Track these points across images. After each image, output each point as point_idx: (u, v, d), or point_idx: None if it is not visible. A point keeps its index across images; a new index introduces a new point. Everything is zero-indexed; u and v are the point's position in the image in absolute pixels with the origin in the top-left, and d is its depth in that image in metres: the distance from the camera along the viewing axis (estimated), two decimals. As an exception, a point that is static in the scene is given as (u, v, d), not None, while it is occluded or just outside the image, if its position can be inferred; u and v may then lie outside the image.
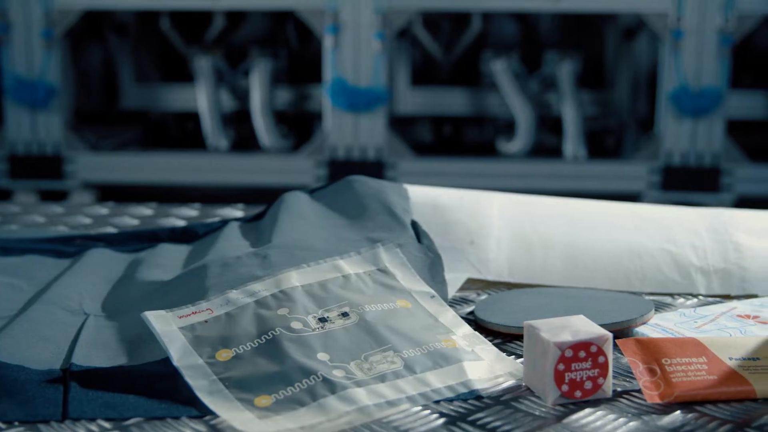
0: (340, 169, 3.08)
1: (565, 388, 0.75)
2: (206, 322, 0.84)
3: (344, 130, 3.09)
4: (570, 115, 3.17)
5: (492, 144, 3.37)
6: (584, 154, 3.19)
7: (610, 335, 0.76)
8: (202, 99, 3.24)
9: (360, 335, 0.82)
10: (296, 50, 3.50)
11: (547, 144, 3.40)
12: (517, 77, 3.22)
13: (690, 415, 0.74)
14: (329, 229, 1.05)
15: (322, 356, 0.79)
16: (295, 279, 0.89)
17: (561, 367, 0.75)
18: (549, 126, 3.41)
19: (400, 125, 3.48)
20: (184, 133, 3.62)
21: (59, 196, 3.20)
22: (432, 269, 0.97)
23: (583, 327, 0.77)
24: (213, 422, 0.73)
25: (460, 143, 3.59)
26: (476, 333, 0.86)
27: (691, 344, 0.80)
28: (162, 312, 0.84)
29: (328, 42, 3.04)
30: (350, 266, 0.92)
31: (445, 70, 3.55)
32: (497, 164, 3.18)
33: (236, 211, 1.42)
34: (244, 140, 3.37)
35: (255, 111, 3.22)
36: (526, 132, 3.20)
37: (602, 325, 0.88)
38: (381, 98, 3.06)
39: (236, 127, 3.43)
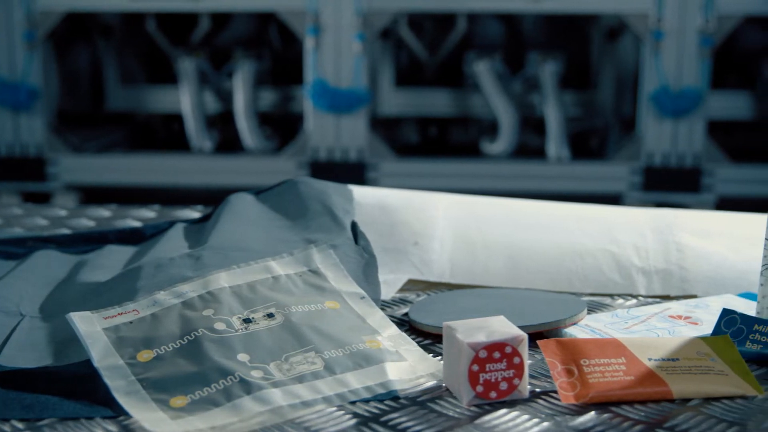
0: (322, 170, 3.09)
1: (479, 388, 0.75)
2: (131, 323, 0.84)
3: (326, 132, 3.09)
4: (553, 116, 3.16)
5: (476, 145, 3.37)
6: (567, 154, 3.19)
7: (525, 336, 0.76)
8: (185, 101, 3.24)
9: (283, 336, 0.83)
10: (280, 52, 3.50)
11: (531, 145, 3.40)
12: (500, 78, 3.22)
13: (604, 416, 0.74)
14: (269, 231, 1.05)
15: (242, 357, 0.79)
16: (224, 280, 0.89)
17: (475, 367, 0.75)
18: (533, 127, 3.41)
19: (385, 126, 3.48)
20: (169, 134, 3.62)
21: (42, 198, 3.20)
22: (366, 270, 0.97)
23: (499, 328, 0.77)
24: (126, 422, 0.73)
25: (445, 144, 3.58)
26: (402, 334, 0.86)
27: (611, 345, 0.80)
28: (88, 313, 0.84)
29: (309, 43, 3.04)
30: (281, 267, 0.92)
31: (431, 71, 3.54)
32: (480, 165, 3.18)
33: (194, 213, 1.42)
34: (228, 142, 3.37)
35: (238, 112, 3.22)
36: (509, 133, 3.20)
37: (531, 326, 0.89)
38: (362, 99, 3.06)
39: (221, 128, 3.43)
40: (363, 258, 0.99)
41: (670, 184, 3.01)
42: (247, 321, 0.84)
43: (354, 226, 1.06)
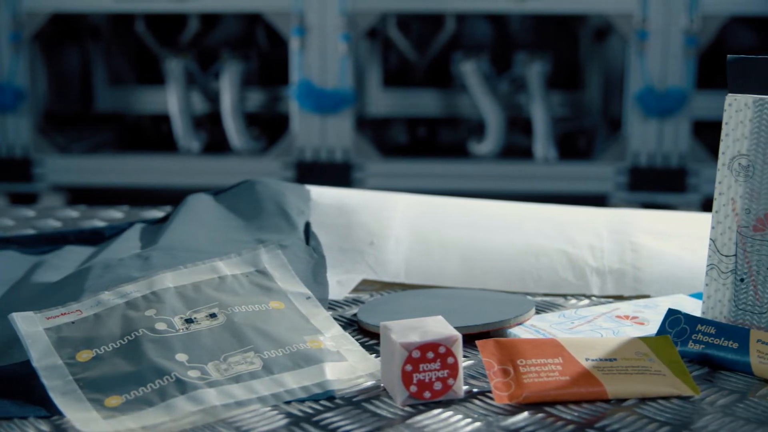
0: (308, 170, 3.09)
1: (413, 389, 0.75)
2: (73, 323, 0.84)
3: (311, 132, 3.09)
4: (539, 116, 3.16)
5: (465, 145, 3.36)
6: (555, 155, 3.19)
7: (459, 336, 0.76)
8: (172, 101, 3.25)
9: (224, 336, 0.83)
10: (268, 52, 3.50)
11: (518, 145, 3.40)
12: (487, 78, 3.22)
13: (537, 416, 0.74)
14: (222, 231, 1.05)
15: (180, 357, 0.79)
16: (169, 280, 0.89)
17: (408, 368, 0.75)
18: (521, 127, 3.41)
19: (373, 126, 3.48)
20: (158, 135, 3.62)
21: (29, 199, 3.21)
22: (315, 270, 0.97)
23: (434, 328, 0.77)
24: (58, 422, 0.73)
25: (434, 144, 3.58)
26: (345, 334, 0.86)
27: (549, 345, 0.80)
28: (30, 313, 0.84)
29: (294, 44, 3.04)
30: (228, 268, 0.92)
31: (420, 71, 3.55)
32: (467, 165, 3.18)
33: (161, 213, 1.42)
34: (216, 142, 3.37)
35: (225, 113, 3.23)
36: (496, 133, 3.20)
37: (475, 326, 0.89)
38: (347, 100, 3.06)
39: (209, 129, 3.43)
40: (312, 258, 0.99)
41: (655, 185, 3.01)
42: (189, 321, 0.84)
43: (307, 227, 1.06)
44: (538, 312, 0.98)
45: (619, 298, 1.03)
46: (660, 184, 3.01)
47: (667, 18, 2.94)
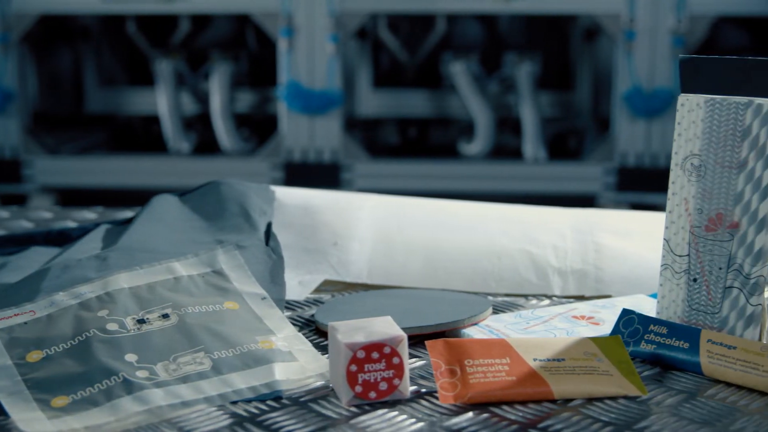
0: (296, 171, 3.09)
1: (358, 389, 0.75)
2: (26, 323, 0.84)
3: (300, 133, 3.09)
4: (529, 117, 3.16)
5: (455, 146, 3.36)
6: (544, 155, 3.19)
7: (405, 337, 0.76)
8: (162, 102, 3.25)
9: (175, 336, 0.83)
10: (259, 53, 3.50)
11: (508, 145, 3.40)
12: (476, 79, 3.22)
13: (482, 416, 0.74)
14: (183, 232, 1.06)
15: (129, 357, 0.80)
16: (123, 281, 0.89)
17: (353, 368, 0.75)
18: (511, 127, 3.41)
19: (364, 127, 3.48)
20: (149, 136, 3.62)
21: (18, 200, 3.21)
22: (273, 271, 0.97)
23: (380, 328, 0.77)
24: (3, 423, 0.73)
25: (424, 145, 3.58)
26: (298, 334, 0.86)
27: (497, 345, 0.80)
28: (-17, 314, 0.84)
29: (282, 45, 3.04)
30: (184, 268, 0.92)
31: (410, 72, 3.55)
32: (455, 166, 3.18)
33: (131, 214, 1.42)
34: (207, 143, 3.37)
35: (215, 114, 3.23)
36: (485, 133, 3.20)
37: (429, 326, 0.89)
38: (335, 101, 3.06)
39: (201, 130, 3.43)
40: (271, 259, 0.99)
41: (643, 185, 3.01)
42: (141, 321, 0.84)
43: (268, 227, 1.06)
44: (497, 312, 0.98)
45: (581, 298, 1.03)
46: (648, 185, 3.01)
47: (655, 18, 2.94)
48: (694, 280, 0.87)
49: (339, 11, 3.01)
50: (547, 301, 1.02)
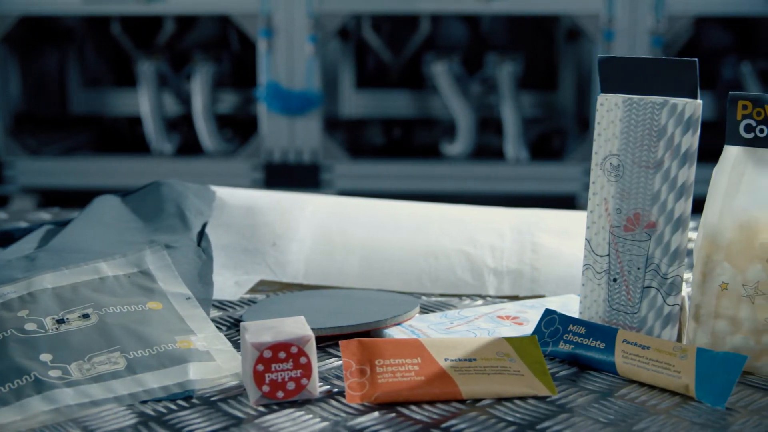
0: (276, 172, 3.09)
1: (266, 388, 0.76)
2: (-55, 324, 0.84)
3: (280, 134, 3.09)
4: (510, 117, 3.16)
5: (439, 146, 3.37)
6: (526, 155, 3.19)
7: (312, 336, 0.76)
8: (144, 103, 3.25)
9: (93, 336, 0.83)
10: (242, 54, 3.51)
11: (491, 146, 3.39)
12: (458, 79, 3.21)
13: (387, 416, 0.74)
14: (118, 232, 1.06)
15: (44, 357, 0.80)
16: (48, 281, 0.89)
17: (260, 367, 0.75)
18: (494, 128, 3.40)
19: (347, 128, 3.48)
20: (134, 137, 3.63)
21: (0, 201, 3.22)
22: (201, 271, 0.98)
23: (288, 328, 0.77)
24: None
25: (409, 146, 3.58)
26: (219, 334, 0.86)
27: (409, 345, 0.80)
28: None
29: (261, 46, 3.04)
30: (111, 268, 0.92)
31: (394, 72, 3.54)
32: (437, 166, 3.18)
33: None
34: (190, 144, 3.37)
35: (197, 115, 3.23)
36: (467, 134, 3.20)
37: (351, 326, 0.89)
38: (315, 102, 3.06)
39: (185, 130, 3.44)
40: (201, 259, 0.99)
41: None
42: (60, 321, 0.84)
43: (203, 228, 1.06)
44: (427, 312, 0.98)
45: (515, 298, 1.04)
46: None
47: (633, 18, 2.94)
48: (614, 280, 0.87)
49: (318, 12, 3.01)
50: (480, 302, 1.03)
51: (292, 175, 3.07)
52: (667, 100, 0.83)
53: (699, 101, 0.82)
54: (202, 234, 1.05)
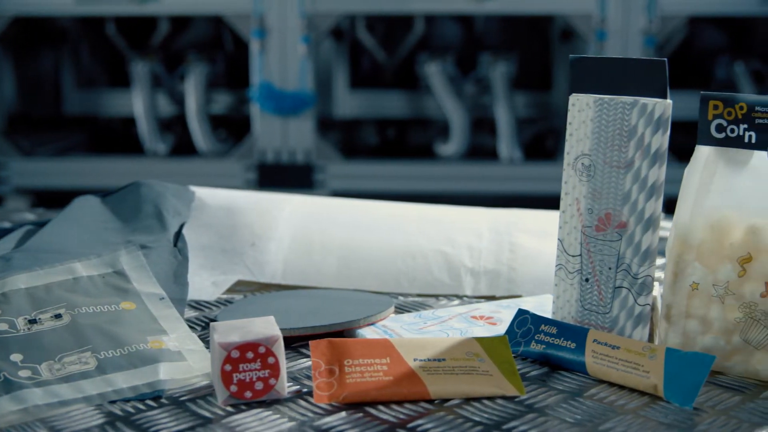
0: (269, 172, 3.09)
1: (234, 388, 0.76)
2: None
3: (273, 134, 3.09)
4: (503, 117, 3.16)
5: (433, 146, 3.37)
6: (520, 155, 3.18)
7: (280, 336, 0.76)
8: (138, 104, 3.25)
9: (64, 336, 0.83)
10: (237, 55, 3.51)
11: (485, 146, 3.39)
12: (451, 79, 3.21)
13: (355, 416, 0.74)
14: (95, 233, 1.06)
15: (15, 357, 0.80)
16: (22, 282, 0.89)
17: (228, 367, 0.75)
18: (488, 128, 3.40)
19: (341, 128, 3.48)
20: (128, 137, 3.63)
21: (-6, 201, 3.22)
22: (177, 272, 0.98)
23: (256, 328, 0.77)
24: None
25: (403, 146, 3.58)
26: (192, 334, 0.86)
27: (379, 345, 0.80)
28: None
29: (254, 46, 3.04)
30: (85, 269, 0.92)
31: (389, 73, 3.55)
32: (430, 167, 3.18)
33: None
34: (184, 144, 3.37)
35: (190, 115, 3.23)
36: (461, 134, 3.20)
37: (323, 326, 0.89)
38: (308, 102, 3.06)
39: (179, 131, 3.44)
40: (176, 259, 0.99)
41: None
42: (32, 322, 0.84)
43: (180, 228, 1.06)
44: (402, 312, 0.98)
45: (492, 298, 1.04)
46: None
47: (626, 18, 2.93)
48: (586, 280, 0.87)
49: (311, 12, 3.01)
50: (457, 302, 1.03)
51: (285, 176, 3.07)
52: (638, 100, 0.83)
53: (669, 101, 0.83)
54: (179, 234, 1.05)
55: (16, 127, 3.38)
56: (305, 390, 0.79)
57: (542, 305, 0.96)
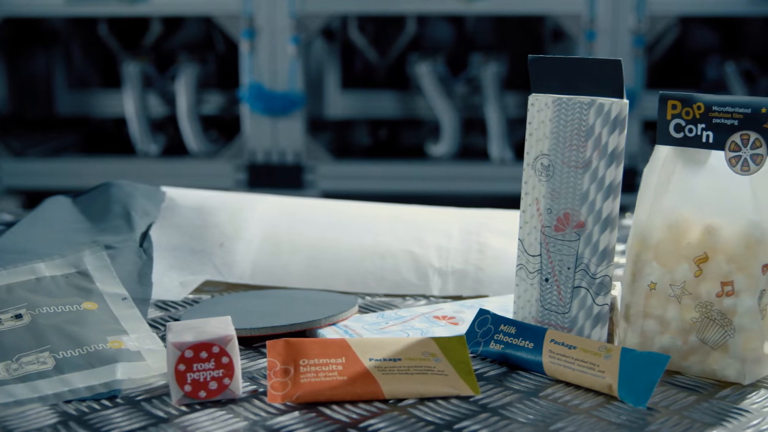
0: (260, 172, 3.09)
1: (188, 388, 0.76)
2: None
3: (263, 134, 3.10)
4: (494, 118, 3.16)
5: (424, 147, 3.37)
6: (510, 156, 3.18)
7: (234, 336, 0.77)
8: (129, 104, 3.26)
9: (24, 336, 0.83)
10: (228, 55, 3.51)
11: (477, 146, 3.39)
12: (442, 80, 3.21)
13: (307, 416, 0.74)
14: (64, 233, 1.06)
15: (-27, 357, 0.80)
16: (-16, 282, 0.89)
17: (182, 367, 0.76)
18: (479, 128, 3.40)
19: (332, 128, 3.48)
20: (121, 138, 3.63)
21: (-16, 202, 3.22)
22: (141, 272, 0.98)
23: (211, 328, 0.77)
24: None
25: (395, 146, 3.59)
26: (152, 334, 0.87)
27: (335, 345, 0.80)
28: None
29: (244, 47, 3.05)
30: (48, 269, 0.93)
31: (381, 73, 3.55)
32: (420, 167, 3.18)
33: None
34: (176, 145, 3.38)
35: (181, 115, 3.23)
36: (451, 134, 3.20)
37: (283, 326, 0.89)
38: (297, 102, 3.06)
39: (171, 132, 3.44)
40: (141, 260, 1.00)
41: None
42: (-8, 322, 0.85)
43: (148, 229, 1.07)
44: (370, 312, 0.98)
45: (458, 298, 1.04)
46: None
47: (615, 18, 2.93)
48: (546, 280, 0.87)
49: (300, 13, 3.01)
50: (423, 302, 1.03)
51: (275, 176, 3.07)
52: (594, 99, 0.83)
53: (625, 101, 0.83)
54: (145, 234, 1.05)
55: (7, 127, 3.39)
56: (261, 390, 0.79)
57: (506, 305, 0.96)
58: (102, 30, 3.47)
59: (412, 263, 1.07)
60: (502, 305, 0.96)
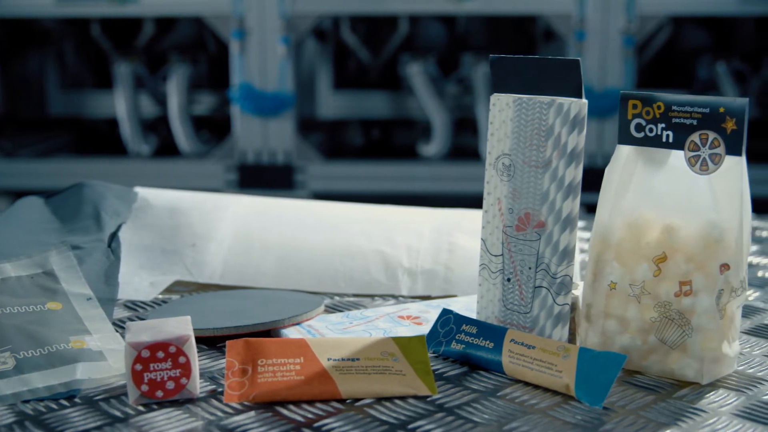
0: (250, 173, 3.10)
1: (144, 387, 0.76)
2: None
3: (253, 135, 3.10)
4: (486, 118, 3.16)
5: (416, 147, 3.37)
6: (502, 156, 3.19)
7: (191, 336, 0.77)
8: (120, 105, 3.26)
9: (-14, 336, 0.83)
10: (219, 56, 3.51)
11: (469, 146, 3.40)
12: (434, 80, 3.22)
13: (263, 415, 0.74)
14: (34, 234, 1.06)
15: (-67, 358, 0.80)
16: (-51, 282, 0.90)
17: (138, 367, 0.76)
18: (470, 128, 3.41)
19: (324, 129, 3.48)
20: (113, 139, 3.64)
21: (-24, 202, 3.24)
22: (108, 272, 0.98)
23: (169, 328, 0.77)
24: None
25: (387, 146, 3.59)
26: (116, 334, 0.87)
27: (294, 345, 0.80)
28: None
29: (234, 47, 3.05)
30: (14, 269, 0.93)
31: (373, 73, 3.55)
32: (411, 167, 3.19)
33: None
34: (168, 145, 3.38)
35: (172, 116, 3.24)
36: (443, 135, 3.20)
37: (246, 326, 0.89)
38: (287, 103, 3.07)
39: (163, 132, 3.45)
40: (108, 260, 1.00)
41: (594, 184, 3.00)
42: (-45, 322, 0.85)
43: (117, 229, 1.07)
44: (333, 312, 0.98)
45: (427, 298, 1.04)
46: (598, 184, 3.00)
47: (605, 18, 2.94)
48: (508, 279, 0.87)
49: (290, 13, 3.02)
50: (392, 302, 1.03)
51: (266, 177, 3.08)
52: (554, 99, 0.83)
53: (584, 101, 0.83)
54: (114, 235, 1.05)
55: (0, 128, 3.39)
56: (220, 390, 0.79)
57: (472, 305, 0.96)
58: (94, 31, 3.48)
59: (382, 263, 1.07)
60: (468, 305, 0.96)
